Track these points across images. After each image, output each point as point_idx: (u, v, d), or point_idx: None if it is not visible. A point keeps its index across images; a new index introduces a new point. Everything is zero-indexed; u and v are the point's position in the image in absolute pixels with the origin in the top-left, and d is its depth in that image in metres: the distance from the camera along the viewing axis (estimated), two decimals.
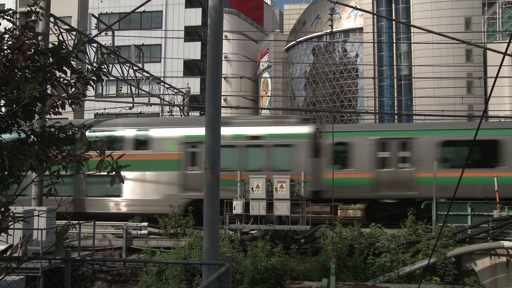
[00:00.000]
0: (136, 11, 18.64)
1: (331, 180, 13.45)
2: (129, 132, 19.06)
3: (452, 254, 14.69)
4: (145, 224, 17.56)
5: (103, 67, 5.14)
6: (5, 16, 4.52)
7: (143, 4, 16.70)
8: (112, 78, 20.06)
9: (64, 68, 4.67)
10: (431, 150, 17.75)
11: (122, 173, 3.94)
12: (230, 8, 55.86)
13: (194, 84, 38.10)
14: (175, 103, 28.46)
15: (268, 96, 56.40)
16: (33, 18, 4.91)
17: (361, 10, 37.12)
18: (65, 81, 4.71)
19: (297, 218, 15.81)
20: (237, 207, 15.82)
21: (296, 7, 68.03)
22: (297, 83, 54.84)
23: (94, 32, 19.42)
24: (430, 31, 9.49)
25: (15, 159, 3.85)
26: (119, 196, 18.63)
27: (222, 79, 9.03)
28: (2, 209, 3.85)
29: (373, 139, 18.29)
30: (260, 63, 59.68)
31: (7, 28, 4.44)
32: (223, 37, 11.09)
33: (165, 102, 28.30)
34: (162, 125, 19.99)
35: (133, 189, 18.60)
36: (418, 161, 17.76)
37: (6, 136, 4.49)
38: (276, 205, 15.71)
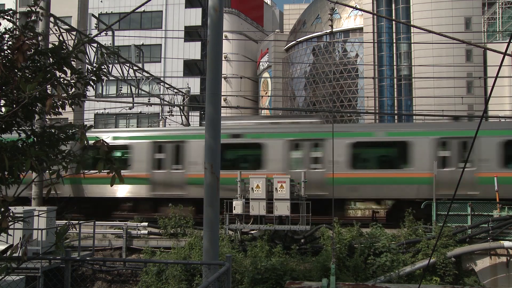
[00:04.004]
0: (136, 11, 18.62)
1: None
2: None
3: (452, 254, 14.69)
4: (145, 224, 17.56)
5: (103, 67, 5.14)
6: (5, 16, 4.51)
7: (143, 4, 16.68)
8: (112, 78, 20.06)
9: (64, 68, 4.67)
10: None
11: None
12: (230, 8, 55.88)
13: (194, 84, 38.10)
14: (175, 103, 28.46)
15: (268, 96, 56.43)
16: (33, 18, 4.91)
17: (361, 10, 37.17)
18: (65, 81, 4.71)
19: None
20: (237, 207, 15.83)
21: (296, 7, 68.09)
22: (297, 83, 54.86)
23: (94, 32, 19.39)
24: (430, 31, 9.49)
25: (15, 159, 3.85)
26: None
27: (222, 79, 9.03)
28: (2, 209, 3.85)
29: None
30: (260, 63, 59.70)
31: (7, 28, 4.44)
32: (223, 37, 11.08)
33: (165, 102, 28.31)
34: None
35: None
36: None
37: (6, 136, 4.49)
38: (276, 205, 15.72)
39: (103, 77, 5.06)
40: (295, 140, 18.30)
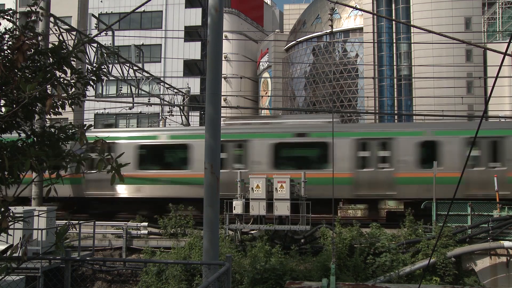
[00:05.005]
0: (136, 11, 18.62)
1: None
2: None
3: (452, 254, 14.69)
4: (145, 224, 17.56)
5: (103, 67, 5.14)
6: (5, 16, 4.51)
7: (143, 4, 16.69)
8: (112, 78, 20.05)
9: (64, 68, 4.67)
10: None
11: None
12: (230, 8, 55.86)
13: (194, 84, 38.09)
14: (175, 103, 28.46)
15: (268, 96, 56.43)
16: (33, 18, 4.90)
17: (361, 10, 37.16)
18: (65, 81, 4.70)
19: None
20: (237, 207, 15.83)
21: (296, 7, 68.09)
22: (297, 83, 54.86)
23: (94, 32, 19.40)
24: (430, 31, 9.50)
25: (15, 159, 3.85)
26: None
27: (222, 79, 9.02)
28: (2, 209, 3.85)
29: None
30: (260, 63, 59.69)
31: (7, 28, 4.44)
32: (223, 37, 11.08)
33: (165, 102, 28.31)
34: None
35: None
36: None
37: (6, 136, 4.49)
38: (276, 205, 15.72)
39: (103, 77, 5.06)
40: None
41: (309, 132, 18.43)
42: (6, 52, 4.32)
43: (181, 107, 28.64)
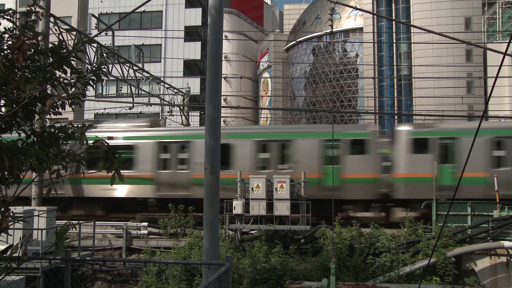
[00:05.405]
0: (136, 11, 18.64)
1: None
2: None
3: (452, 254, 14.69)
4: (145, 224, 17.57)
5: (103, 67, 5.13)
6: (5, 16, 4.51)
7: (143, 4, 16.71)
8: (112, 78, 20.07)
9: (64, 68, 4.66)
10: None
11: None
12: (230, 8, 55.85)
13: (194, 84, 38.11)
14: (175, 103, 28.47)
15: (268, 96, 56.42)
16: (33, 18, 4.90)
17: (361, 10, 37.16)
18: (65, 81, 4.70)
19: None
20: (237, 207, 15.82)
21: (296, 7, 68.09)
22: (297, 83, 54.85)
23: (94, 32, 19.42)
24: (430, 31, 9.51)
25: (15, 159, 3.85)
26: None
27: (222, 79, 9.03)
28: (2, 209, 3.85)
29: None
30: (260, 63, 59.69)
31: (7, 28, 4.43)
32: (223, 37, 11.09)
33: (165, 102, 28.31)
34: None
35: None
36: None
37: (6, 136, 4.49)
38: (276, 205, 15.71)
39: (103, 77, 5.05)
40: None
41: (117, 136, 19.40)
42: (6, 52, 4.32)
43: (181, 107, 28.64)
